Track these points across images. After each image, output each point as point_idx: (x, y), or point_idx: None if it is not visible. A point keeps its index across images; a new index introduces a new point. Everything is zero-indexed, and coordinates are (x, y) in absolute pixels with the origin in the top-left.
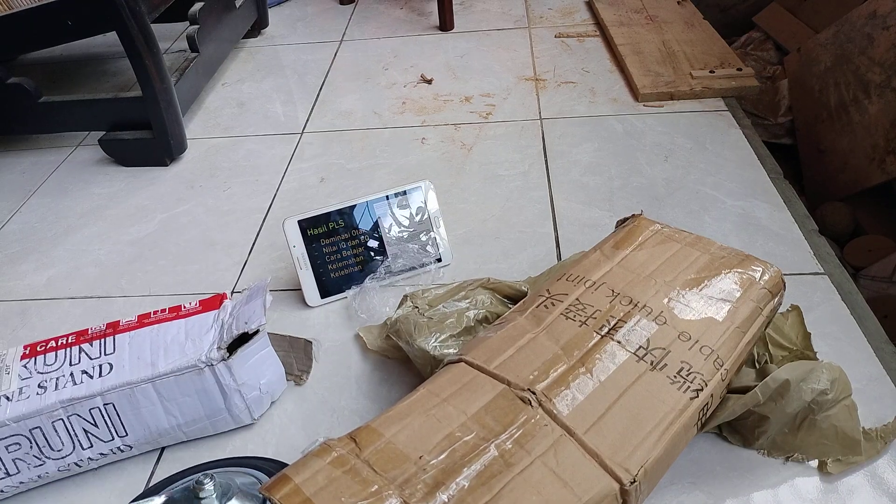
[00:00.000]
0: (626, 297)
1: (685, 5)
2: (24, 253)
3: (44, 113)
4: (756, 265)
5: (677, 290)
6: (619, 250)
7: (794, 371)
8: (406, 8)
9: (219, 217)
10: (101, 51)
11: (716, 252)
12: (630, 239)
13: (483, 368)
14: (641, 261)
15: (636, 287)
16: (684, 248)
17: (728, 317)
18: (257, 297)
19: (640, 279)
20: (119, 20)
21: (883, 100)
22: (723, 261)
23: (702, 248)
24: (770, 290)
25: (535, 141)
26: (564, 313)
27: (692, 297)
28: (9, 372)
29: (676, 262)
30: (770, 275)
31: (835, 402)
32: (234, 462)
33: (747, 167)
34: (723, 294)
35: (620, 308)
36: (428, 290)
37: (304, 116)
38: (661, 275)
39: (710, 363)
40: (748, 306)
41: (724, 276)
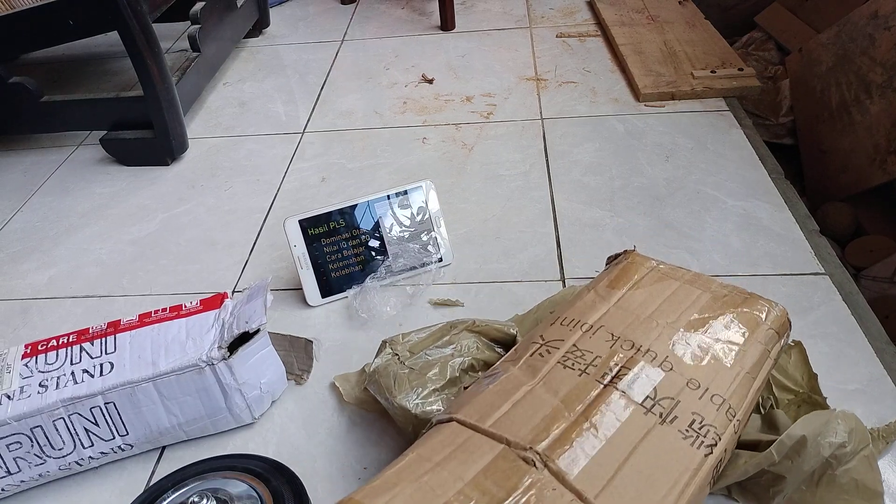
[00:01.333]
0: (628, 340)
1: (686, 5)
2: (26, 252)
3: (45, 112)
4: (761, 304)
5: (681, 333)
6: (614, 290)
7: (809, 425)
8: (407, 8)
9: (220, 216)
10: (102, 50)
11: (717, 290)
12: (625, 277)
13: (477, 427)
14: (640, 301)
15: (637, 330)
16: (683, 287)
17: (737, 361)
18: (258, 297)
19: (641, 321)
20: (120, 20)
21: (884, 100)
22: (725, 300)
23: (702, 285)
24: (777, 330)
25: (536, 141)
26: (562, 361)
27: (697, 339)
28: (10, 371)
29: (677, 302)
30: (776, 314)
31: (853, 454)
32: (233, 460)
33: (748, 167)
34: (729, 336)
35: (622, 353)
36: (408, 336)
37: (306, 116)
38: (662, 316)
39: (723, 414)
40: (756, 349)
41: (729, 317)
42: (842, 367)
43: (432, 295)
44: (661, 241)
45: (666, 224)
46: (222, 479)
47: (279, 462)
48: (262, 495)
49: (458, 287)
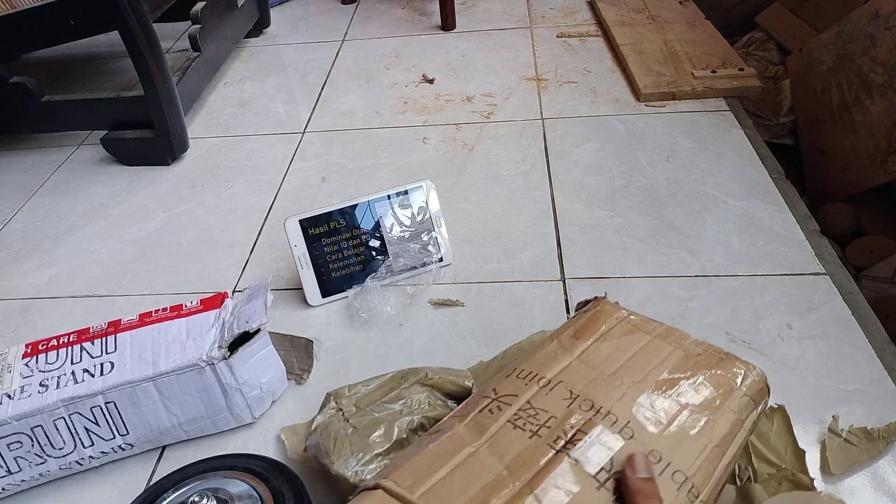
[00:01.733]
0: (587, 400)
1: (687, 5)
2: (27, 251)
3: (46, 112)
4: (737, 366)
5: (647, 394)
6: (579, 341)
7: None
8: (408, 8)
9: (220, 216)
10: (103, 50)
11: (690, 348)
12: (592, 328)
13: (404, 498)
14: (605, 355)
15: (599, 388)
16: (654, 342)
17: (705, 431)
18: (258, 297)
19: (604, 378)
20: (121, 19)
21: (885, 100)
22: (699, 359)
23: (674, 341)
24: (753, 397)
25: (536, 141)
26: (512, 420)
27: (664, 403)
28: (10, 370)
29: (646, 359)
30: (753, 379)
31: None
32: (233, 460)
33: (749, 167)
34: (699, 401)
35: (580, 414)
36: (355, 387)
37: (306, 116)
38: (627, 373)
39: (684, 495)
40: (728, 418)
41: (701, 379)
42: (842, 367)
43: (433, 295)
44: (661, 242)
45: (666, 224)
46: (222, 479)
47: (279, 462)
48: (263, 495)
49: (458, 287)
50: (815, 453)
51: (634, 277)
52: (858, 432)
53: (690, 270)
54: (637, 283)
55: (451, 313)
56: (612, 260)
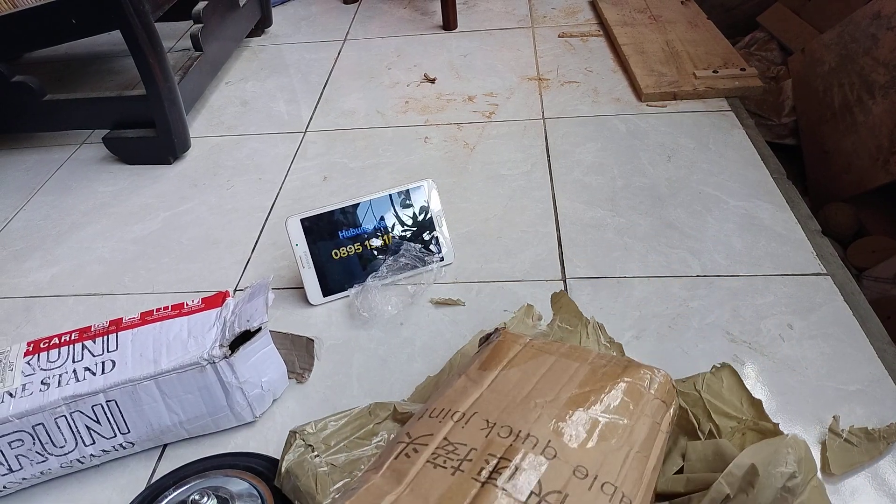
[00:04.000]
0: (505, 426)
1: (689, 5)
2: (29, 250)
3: (48, 111)
4: (642, 372)
5: (561, 411)
6: (486, 371)
7: (757, 453)
8: (409, 7)
9: (222, 215)
10: (105, 49)
11: (595, 361)
12: (497, 357)
13: None
14: (515, 381)
15: (514, 413)
16: (560, 361)
17: (625, 440)
18: (259, 295)
19: (517, 403)
20: (123, 19)
21: (887, 100)
22: (605, 371)
23: (579, 357)
24: (663, 399)
25: (537, 140)
26: (431, 460)
27: (580, 418)
28: (12, 368)
29: (555, 378)
30: (659, 381)
31: (804, 484)
32: (234, 459)
33: (750, 167)
34: (613, 411)
35: (499, 442)
36: (322, 423)
37: (308, 115)
38: (539, 395)
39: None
40: (644, 423)
41: (611, 390)
42: (843, 367)
43: (433, 294)
44: (662, 242)
45: (667, 224)
46: (223, 477)
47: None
48: (263, 493)
49: (459, 286)
50: (816, 453)
51: (635, 277)
52: (859, 433)
53: (691, 270)
54: (638, 283)
55: (452, 313)
56: (613, 260)
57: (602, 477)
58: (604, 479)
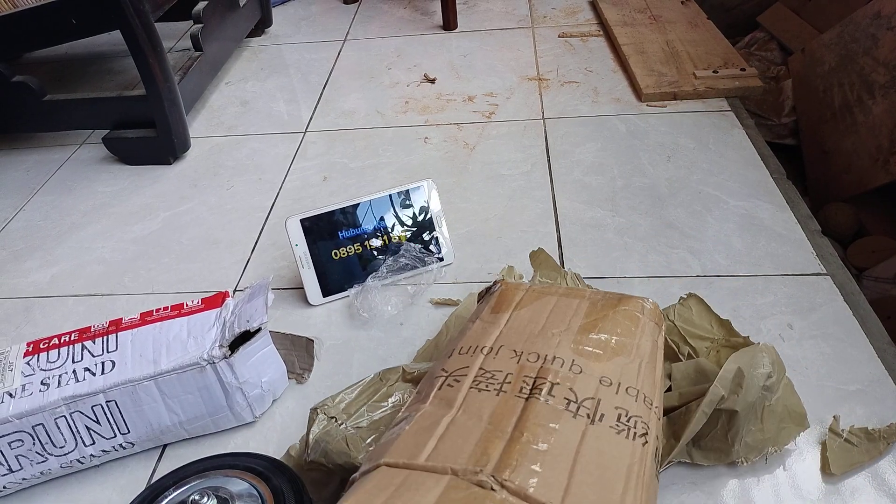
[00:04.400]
0: (532, 353)
1: (689, 5)
2: (29, 250)
3: (48, 111)
4: (634, 301)
5: (577, 336)
6: (500, 314)
7: (741, 359)
8: (409, 7)
9: (222, 215)
10: (105, 49)
11: (592, 297)
12: (506, 301)
13: (412, 465)
14: (527, 318)
15: (536, 342)
16: (562, 300)
17: (635, 354)
18: (259, 296)
19: (536, 335)
20: (123, 19)
21: (887, 100)
22: (603, 303)
23: (577, 295)
24: (655, 321)
25: (537, 140)
26: (474, 386)
27: (593, 340)
28: (12, 369)
29: (562, 313)
30: (650, 307)
31: (778, 382)
32: (234, 459)
33: (750, 167)
34: (619, 333)
35: (531, 366)
36: (338, 396)
37: (308, 115)
38: (553, 327)
39: (642, 403)
40: (646, 341)
41: (613, 317)
42: (843, 367)
43: (433, 294)
44: (662, 241)
45: (667, 224)
46: (223, 478)
47: (280, 461)
48: (263, 494)
49: (459, 286)
50: (816, 453)
51: (636, 277)
52: (859, 433)
53: (691, 270)
54: (638, 283)
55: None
56: (613, 260)
57: (625, 383)
58: (626, 385)
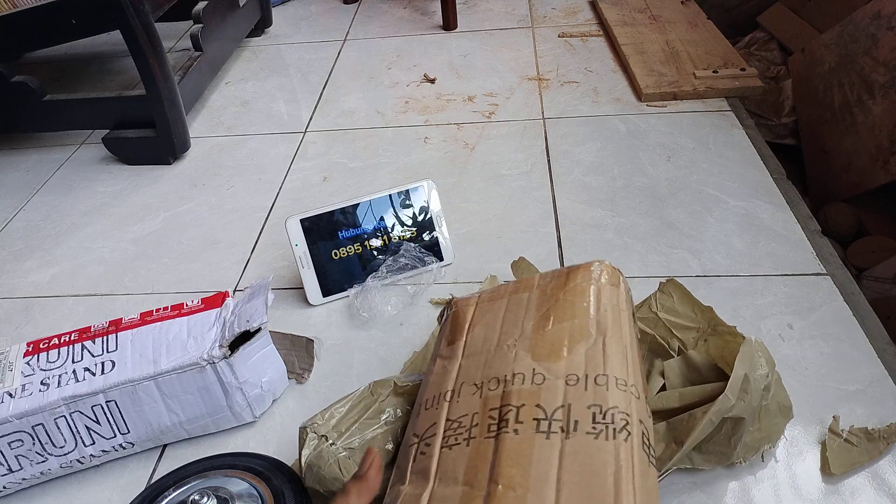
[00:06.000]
0: (491, 380)
1: (689, 5)
2: (29, 250)
3: (48, 111)
4: (582, 272)
5: (533, 339)
6: (455, 344)
7: (744, 363)
8: (409, 7)
9: (222, 215)
10: (105, 49)
11: (541, 283)
12: (458, 327)
13: None
14: (482, 338)
15: (494, 364)
16: (512, 299)
17: (595, 333)
18: (259, 296)
19: (493, 354)
20: (123, 19)
21: (887, 100)
22: (552, 286)
23: (526, 287)
24: (611, 283)
25: (537, 140)
26: (445, 445)
27: (549, 336)
28: (12, 369)
29: (514, 316)
30: (600, 270)
31: (772, 379)
32: (234, 459)
33: (750, 167)
34: (573, 316)
35: (493, 395)
36: (328, 412)
37: (308, 115)
38: (508, 336)
39: (615, 390)
40: (605, 311)
41: (564, 300)
42: (843, 367)
43: (433, 294)
44: (662, 242)
45: (667, 224)
46: (223, 478)
47: (280, 461)
48: (263, 494)
49: (459, 286)
50: (816, 453)
51: (636, 277)
52: (859, 433)
53: (691, 270)
54: (638, 283)
55: None
56: (613, 260)
57: (592, 373)
58: (594, 374)
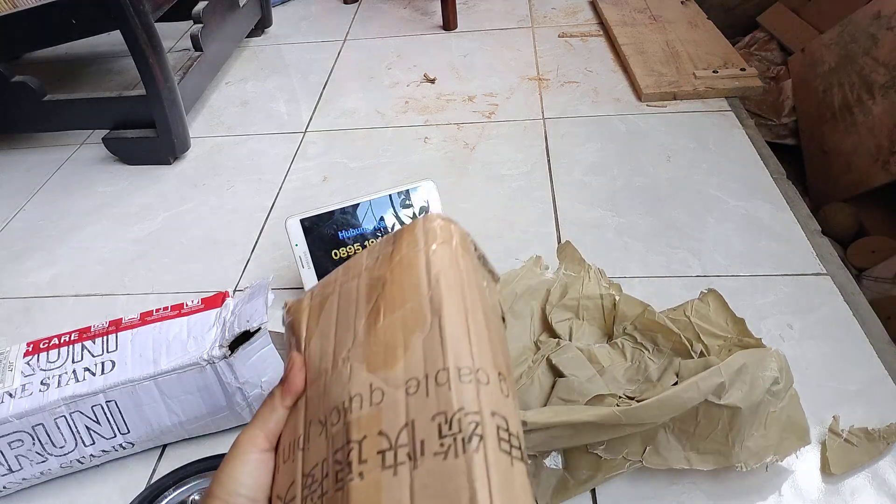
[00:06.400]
0: (333, 411)
1: (689, 5)
2: (29, 251)
3: (48, 111)
4: (407, 238)
5: (366, 347)
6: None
7: (748, 357)
8: (409, 7)
9: (222, 216)
10: (105, 49)
11: (368, 264)
12: (296, 342)
13: None
14: (318, 353)
15: (332, 390)
16: (343, 291)
17: (430, 315)
18: (259, 296)
19: (330, 375)
20: (123, 19)
21: (887, 100)
22: (378, 268)
23: (354, 272)
24: (442, 241)
25: (537, 141)
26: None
27: (382, 336)
28: (12, 369)
29: (345, 316)
30: (430, 229)
31: (785, 391)
32: None
33: (750, 167)
34: (405, 301)
35: (337, 433)
36: None
37: (308, 115)
38: (342, 347)
39: (457, 385)
40: (440, 279)
41: (391, 281)
42: (843, 367)
43: None
44: (662, 241)
45: (668, 224)
46: None
47: None
48: None
49: None
50: (816, 453)
51: (636, 277)
52: (859, 433)
53: (692, 270)
54: (638, 283)
55: None
56: (613, 260)
57: (431, 371)
58: (434, 371)
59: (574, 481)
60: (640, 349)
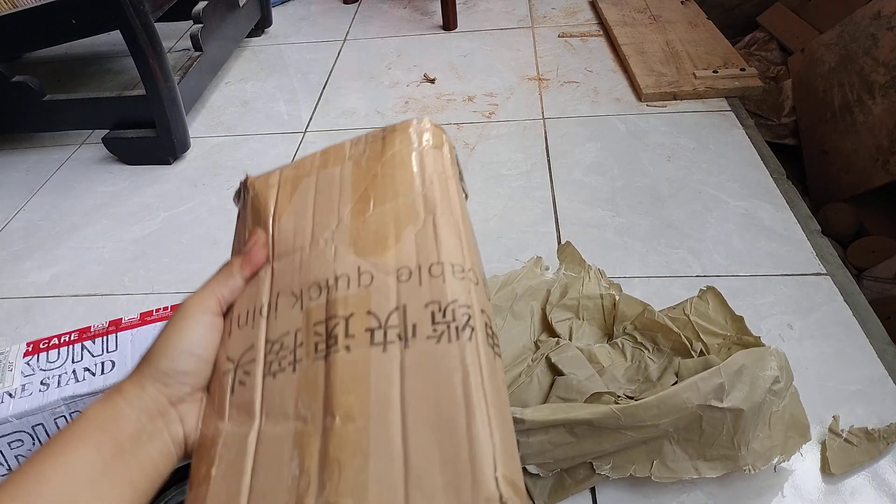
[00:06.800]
0: (312, 286)
1: (689, 5)
2: (29, 251)
3: (48, 111)
4: (401, 134)
5: (353, 231)
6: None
7: (747, 357)
8: (409, 7)
9: (221, 216)
10: (105, 49)
11: (353, 153)
12: (261, 217)
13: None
14: (292, 230)
15: (312, 266)
16: (321, 176)
17: (424, 212)
18: None
19: (308, 252)
20: (123, 19)
21: (887, 100)
22: (367, 157)
23: (337, 160)
24: (435, 145)
25: (537, 140)
26: (267, 373)
27: (372, 223)
28: (11, 369)
29: (327, 199)
30: (422, 131)
31: (785, 390)
32: None
33: (750, 167)
34: (397, 195)
35: (316, 306)
36: None
37: (308, 115)
38: (323, 228)
39: (452, 278)
40: (432, 181)
41: (382, 174)
42: (843, 367)
43: None
44: (662, 241)
45: (667, 224)
46: None
47: None
48: None
49: None
50: (816, 453)
51: (636, 277)
52: (859, 433)
53: (691, 270)
54: (638, 283)
55: None
56: (613, 260)
57: (425, 263)
58: (427, 264)
59: (571, 481)
60: (640, 349)
